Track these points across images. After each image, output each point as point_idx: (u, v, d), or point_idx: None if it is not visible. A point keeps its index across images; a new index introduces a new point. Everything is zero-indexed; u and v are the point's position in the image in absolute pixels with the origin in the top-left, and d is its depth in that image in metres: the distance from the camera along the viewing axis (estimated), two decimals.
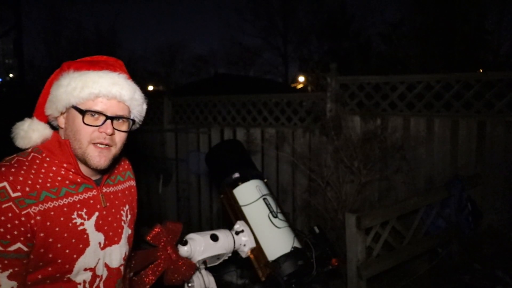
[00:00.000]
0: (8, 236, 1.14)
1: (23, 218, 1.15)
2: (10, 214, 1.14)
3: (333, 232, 3.99)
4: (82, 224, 1.27)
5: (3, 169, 1.19)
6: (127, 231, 1.45)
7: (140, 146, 6.28)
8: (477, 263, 3.62)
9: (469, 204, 3.71)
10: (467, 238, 3.75)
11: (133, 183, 1.56)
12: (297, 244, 2.12)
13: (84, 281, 1.30)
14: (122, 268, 1.43)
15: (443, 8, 13.23)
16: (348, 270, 3.05)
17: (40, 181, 1.21)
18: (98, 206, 1.33)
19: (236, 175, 2.29)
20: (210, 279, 1.83)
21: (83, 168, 1.30)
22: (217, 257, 1.85)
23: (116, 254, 1.39)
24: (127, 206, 1.47)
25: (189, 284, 1.79)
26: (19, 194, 1.16)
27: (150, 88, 25.20)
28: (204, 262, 1.81)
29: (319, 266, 2.10)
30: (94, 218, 1.31)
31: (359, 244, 3.00)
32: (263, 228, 2.12)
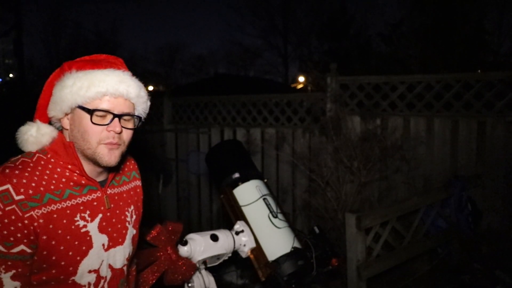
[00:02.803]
0: (11, 239, 1.14)
1: (26, 221, 1.15)
2: (13, 217, 1.14)
3: (333, 232, 3.99)
4: (85, 226, 1.27)
5: (7, 171, 1.18)
6: (131, 232, 1.44)
7: (140, 146, 6.28)
8: (477, 263, 3.62)
9: (469, 204, 3.71)
10: (467, 238, 3.75)
11: (138, 183, 1.54)
12: (297, 244, 2.12)
13: (89, 283, 1.30)
14: (125, 268, 1.43)
15: (443, 8, 13.23)
16: (348, 270, 3.05)
17: (44, 183, 1.21)
18: (102, 208, 1.32)
19: (236, 175, 2.29)
20: (210, 279, 1.83)
21: (88, 169, 1.29)
22: (217, 257, 1.85)
23: (120, 255, 1.38)
24: (132, 207, 1.45)
25: (189, 284, 1.79)
26: (22, 197, 1.15)
27: (150, 88, 25.19)
28: (204, 262, 1.81)
29: (319, 266, 2.10)
30: (97, 220, 1.30)
31: (359, 244, 3.00)
32: (263, 228, 2.12)
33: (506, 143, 3.95)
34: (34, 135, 1.28)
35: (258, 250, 2.02)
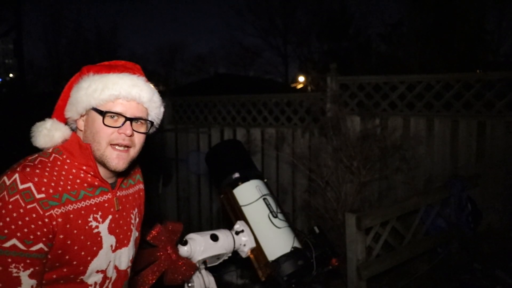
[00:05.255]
0: (32, 236, 1.15)
1: (46, 220, 1.17)
2: (34, 215, 1.15)
3: (333, 232, 3.98)
4: (97, 227, 1.29)
5: (27, 169, 1.19)
6: (134, 234, 1.46)
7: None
8: (477, 263, 3.62)
9: (469, 204, 3.71)
10: (467, 238, 3.75)
11: (142, 186, 1.57)
12: (297, 244, 2.12)
13: (95, 283, 1.32)
14: (129, 270, 1.46)
15: (443, 8, 13.23)
16: (348, 270, 3.05)
17: (61, 183, 1.23)
18: (112, 210, 1.35)
19: (236, 175, 2.29)
20: (210, 279, 1.83)
21: (101, 171, 1.31)
22: (217, 257, 1.86)
23: (125, 257, 1.41)
24: (136, 210, 1.48)
25: (189, 284, 1.79)
26: (43, 195, 1.17)
27: None
28: (204, 262, 1.82)
29: (319, 266, 2.10)
30: (107, 221, 1.33)
31: (359, 244, 3.00)
32: (263, 228, 2.12)
33: (506, 143, 3.95)
34: (48, 128, 1.30)
35: (258, 250, 2.02)
